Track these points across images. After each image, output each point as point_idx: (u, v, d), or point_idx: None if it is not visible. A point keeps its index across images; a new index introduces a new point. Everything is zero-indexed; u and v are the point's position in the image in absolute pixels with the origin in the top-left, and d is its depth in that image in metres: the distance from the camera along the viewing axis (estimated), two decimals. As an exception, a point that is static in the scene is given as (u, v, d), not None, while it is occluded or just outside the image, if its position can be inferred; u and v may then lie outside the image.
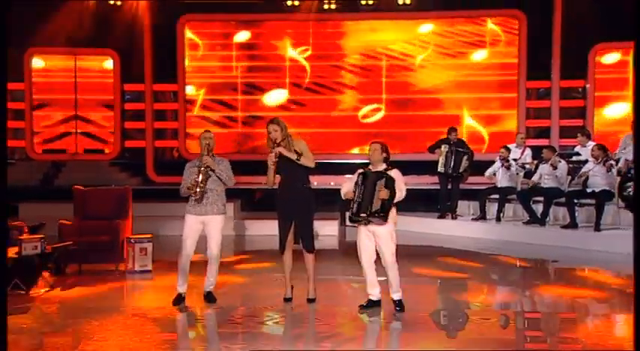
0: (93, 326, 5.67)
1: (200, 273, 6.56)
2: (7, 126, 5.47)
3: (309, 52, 14.76)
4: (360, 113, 14.78)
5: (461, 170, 11.06)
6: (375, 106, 14.73)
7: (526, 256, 9.28)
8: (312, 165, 6.19)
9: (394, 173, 5.93)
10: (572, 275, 8.30)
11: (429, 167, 11.72)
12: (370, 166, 6.04)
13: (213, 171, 6.27)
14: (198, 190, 6.22)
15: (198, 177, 6.24)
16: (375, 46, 14.67)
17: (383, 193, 5.77)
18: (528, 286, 7.53)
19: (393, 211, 5.93)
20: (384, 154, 6.02)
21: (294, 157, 6.08)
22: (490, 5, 14.24)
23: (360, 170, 6.03)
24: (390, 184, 5.79)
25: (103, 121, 14.94)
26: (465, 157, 11.04)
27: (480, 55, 14.55)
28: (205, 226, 6.36)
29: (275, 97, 14.84)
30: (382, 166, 5.99)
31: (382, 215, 5.81)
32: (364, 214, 5.84)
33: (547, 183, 10.30)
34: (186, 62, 14.70)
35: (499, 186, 11.05)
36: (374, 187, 5.81)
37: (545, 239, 10.08)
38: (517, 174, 11.01)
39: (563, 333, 5.58)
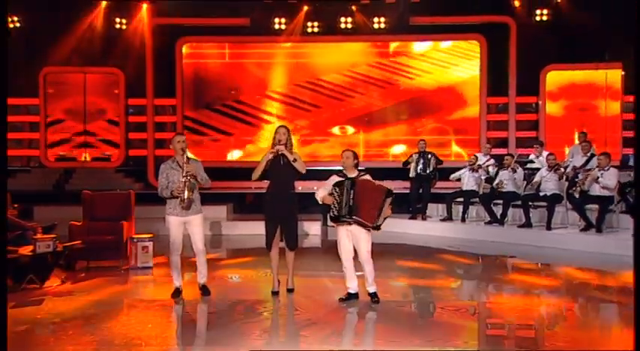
0: (100, 316, 5.65)
1: (192, 270, 6.56)
2: (7, 128, 5.41)
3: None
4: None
5: (431, 169, 11.14)
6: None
7: (487, 252, 9.35)
8: (303, 171, 6.20)
9: (367, 178, 5.99)
10: (527, 269, 8.39)
11: (401, 173, 11.78)
12: (344, 171, 6.06)
13: (195, 178, 6.18)
14: (186, 199, 6.09)
15: (184, 190, 6.08)
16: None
17: (389, 211, 5.83)
18: (489, 278, 7.59)
19: None
20: (356, 161, 6.07)
21: (291, 158, 6.10)
22: (455, 30, 14.38)
23: (335, 177, 6.04)
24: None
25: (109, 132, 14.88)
26: (433, 158, 11.16)
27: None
28: (187, 225, 6.29)
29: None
30: (354, 172, 6.03)
31: (379, 228, 5.86)
32: (361, 220, 5.79)
33: (506, 187, 10.42)
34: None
35: (464, 189, 11.14)
36: (382, 202, 5.75)
37: (504, 237, 10.19)
38: (481, 177, 11.12)
39: (518, 320, 5.63)
